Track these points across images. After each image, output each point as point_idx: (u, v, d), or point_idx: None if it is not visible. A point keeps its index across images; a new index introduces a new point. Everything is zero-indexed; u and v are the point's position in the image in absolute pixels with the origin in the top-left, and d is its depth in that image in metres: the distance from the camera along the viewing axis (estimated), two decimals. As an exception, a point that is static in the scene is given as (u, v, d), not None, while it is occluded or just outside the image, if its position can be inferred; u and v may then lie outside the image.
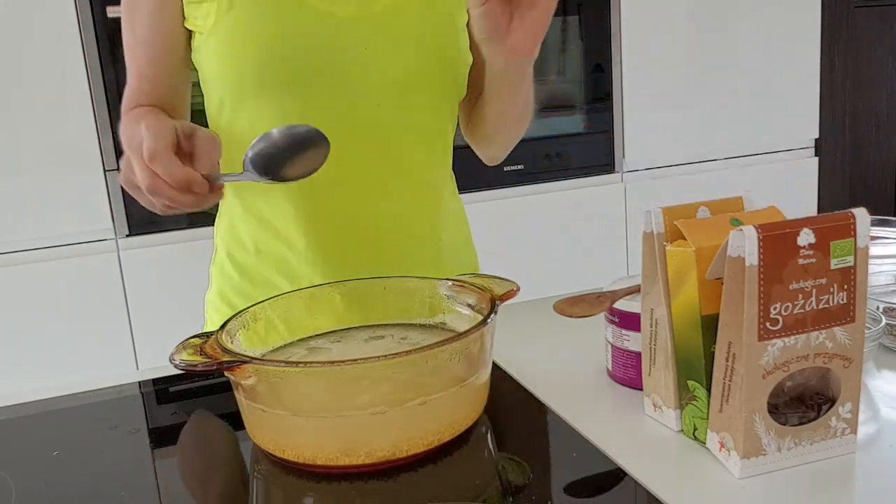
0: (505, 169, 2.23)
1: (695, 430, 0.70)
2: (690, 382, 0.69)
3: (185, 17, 0.91)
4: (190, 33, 0.93)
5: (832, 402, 0.66)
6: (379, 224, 0.96)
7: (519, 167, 2.24)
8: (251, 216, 0.98)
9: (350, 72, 0.89)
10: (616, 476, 0.66)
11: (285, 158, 0.77)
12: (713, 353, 0.66)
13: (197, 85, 0.96)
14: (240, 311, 0.78)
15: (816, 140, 2.61)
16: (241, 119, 0.92)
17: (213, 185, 0.76)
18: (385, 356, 0.65)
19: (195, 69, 0.96)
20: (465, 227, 1.08)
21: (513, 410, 0.79)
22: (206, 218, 1.08)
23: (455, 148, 1.02)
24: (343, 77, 0.89)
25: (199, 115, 0.97)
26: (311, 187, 0.92)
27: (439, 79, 0.93)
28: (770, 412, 0.64)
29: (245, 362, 0.66)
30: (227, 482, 0.71)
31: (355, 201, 0.94)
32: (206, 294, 1.07)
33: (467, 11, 0.89)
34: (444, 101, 0.95)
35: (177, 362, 0.66)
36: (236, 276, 1.01)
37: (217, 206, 1.04)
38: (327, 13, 0.88)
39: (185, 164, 0.74)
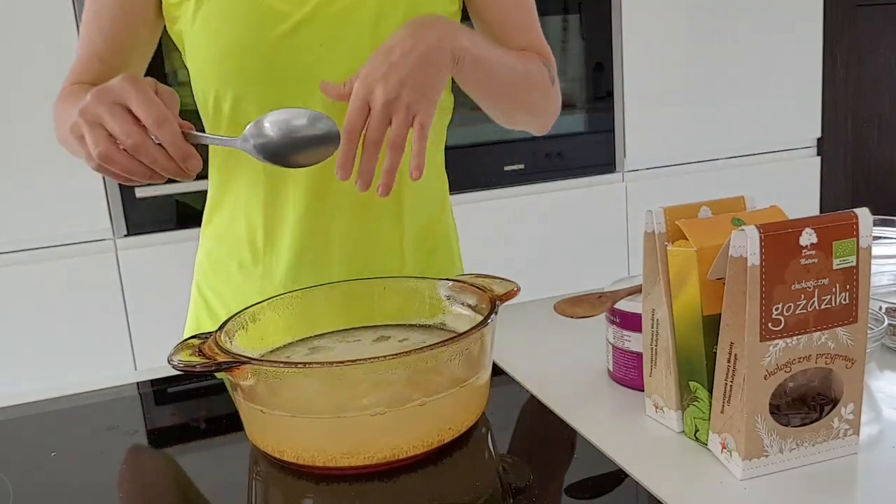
0: (505, 169, 2.22)
1: (696, 431, 0.69)
2: (692, 383, 0.69)
3: (174, 20, 0.93)
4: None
5: (834, 402, 0.66)
6: (332, 223, 0.95)
7: (519, 167, 2.24)
8: (225, 212, 1.00)
9: (305, 70, 0.90)
10: (617, 477, 0.66)
11: (288, 145, 0.78)
12: (715, 353, 0.65)
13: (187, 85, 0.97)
14: (238, 312, 0.78)
15: (818, 139, 2.60)
16: (210, 114, 0.95)
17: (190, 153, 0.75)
18: (385, 357, 0.65)
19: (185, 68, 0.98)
20: (443, 242, 1.06)
21: (513, 411, 0.79)
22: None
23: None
24: (299, 75, 0.90)
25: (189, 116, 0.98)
26: (271, 185, 0.94)
27: None
28: (772, 413, 0.63)
29: (244, 363, 0.65)
30: (227, 483, 0.70)
31: (309, 199, 0.94)
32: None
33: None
34: None
35: (175, 363, 0.66)
36: (206, 264, 1.04)
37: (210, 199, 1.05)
38: (285, 13, 0.89)
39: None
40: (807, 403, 0.67)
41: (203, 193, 1.04)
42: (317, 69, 0.90)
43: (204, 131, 0.98)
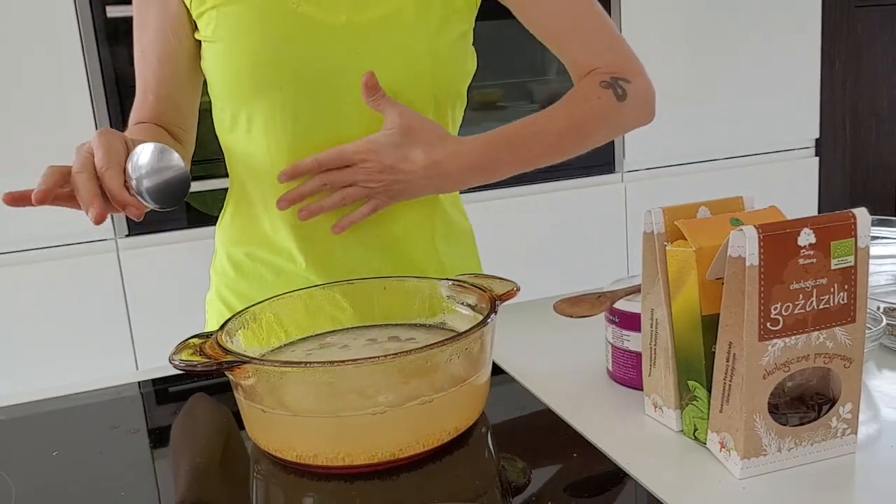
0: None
1: (695, 430, 0.69)
2: (691, 382, 0.69)
3: (196, 29, 0.93)
4: (196, 49, 0.95)
5: (833, 402, 0.66)
6: (369, 230, 0.96)
7: (519, 167, 2.24)
8: (249, 219, 0.99)
9: (340, 77, 0.90)
10: (616, 476, 0.66)
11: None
12: (713, 353, 0.66)
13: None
14: (239, 311, 0.78)
15: (817, 140, 2.60)
16: (240, 123, 0.94)
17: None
18: (385, 356, 0.65)
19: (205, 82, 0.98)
20: (466, 233, 1.07)
21: (513, 410, 0.79)
22: (206, 218, 1.08)
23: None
24: (333, 82, 0.90)
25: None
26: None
27: (431, 86, 0.93)
28: (770, 412, 0.64)
29: (245, 362, 0.66)
30: (228, 483, 0.70)
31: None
32: (206, 295, 1.08)
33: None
34: (437, 108, 0.95)
35: (176, 362, 0.66)
36: (232, 273, 1.02)
37: (222, 207, 1.05)
38: (319, 21, 0.89)
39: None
40: (805, 403, 0.68)
41: (203, 194, 1.05)
42: (352, 77, 0.89)
43: (204, 143, 0.98)
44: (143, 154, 0.77)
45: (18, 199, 0.77)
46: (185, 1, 0.92)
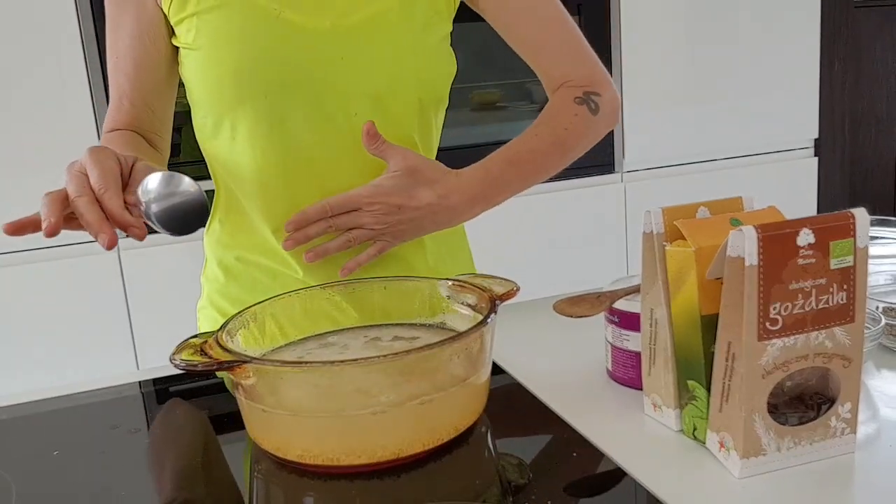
0: (505, 169, 2.22)
1: (694, 429, 0.70)
2: (690, 382, 0.69)
3: (173, 35, 0.93)
4: (172, 55, 0.94)
5: (832, 401, 0.66)
6: None
7: (519, 167, 2.24)
8: (238, 224, 0.99)
9: (326, 83, 0.90)
10: (616, 476, 0.66)
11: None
12: (713, 352, 0.66)
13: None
14: (240, 312, 0.78)
15: (816, 140, 2.60)
16: (223, 131, 0.93)
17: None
18: (385, 356, 0.65)
19: (182, 87, 0.97)
20: (456, 232, 1.08)
21: (513, 410, 0.79)
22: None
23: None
24: (319, 88, 0.90)
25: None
26: (291, 196, 0.93)
27: (416, 89, 0.93)
28: (770, 412, 0.64)
29: (245, 362, 0.66)
30: (228, 482, 0.71)
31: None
32: (198, 302, 1.07)
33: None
34: (422, 111, 0.95)
35: (177, 362, 0.66)
36: (223, 278, 1.02)
37: (209, 212, 1.04)
38: (303, 26, 0.89)
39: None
40: (804, 402, 0.68)
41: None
42: (338, 81, 0.89)
43: (198, 145, 0.98)
44: (153, 179, 0.76)
45: (21, 228, 0.75)
46: (163, 7, 0.91)
